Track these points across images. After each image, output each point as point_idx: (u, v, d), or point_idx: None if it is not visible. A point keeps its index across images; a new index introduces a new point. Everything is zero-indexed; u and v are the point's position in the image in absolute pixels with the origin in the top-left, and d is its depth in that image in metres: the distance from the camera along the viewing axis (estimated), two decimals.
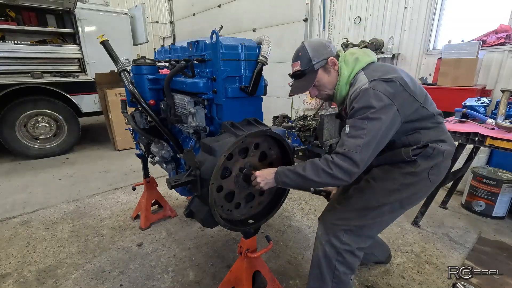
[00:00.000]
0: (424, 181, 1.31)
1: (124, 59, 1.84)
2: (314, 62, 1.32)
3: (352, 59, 1.33)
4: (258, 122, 1.47)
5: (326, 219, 1.44)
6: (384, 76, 1.19)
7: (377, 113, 1.13)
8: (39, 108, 4.25)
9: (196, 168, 1.24)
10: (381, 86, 1.17)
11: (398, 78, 1.19)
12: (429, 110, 1.28)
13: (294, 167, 1.27)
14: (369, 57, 1.35)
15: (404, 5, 3.98)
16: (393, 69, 1.27)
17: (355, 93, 1.22)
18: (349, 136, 1.17)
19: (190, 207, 1.40)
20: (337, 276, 1.38)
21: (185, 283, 1.86)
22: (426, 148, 1.26)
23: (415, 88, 1.24)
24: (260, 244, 2.03)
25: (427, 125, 1.29)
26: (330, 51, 1.35)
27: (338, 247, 1.36)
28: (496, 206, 2.58)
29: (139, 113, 1.95)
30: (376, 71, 1.26)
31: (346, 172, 1.13)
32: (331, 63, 1.34)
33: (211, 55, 1.45)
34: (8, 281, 1.87)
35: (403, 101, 1.19)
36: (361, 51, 1.38)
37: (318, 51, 1.33)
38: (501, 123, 2.00)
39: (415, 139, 1.28)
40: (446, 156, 1.30)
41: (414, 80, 1.29)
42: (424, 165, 1.28)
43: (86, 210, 2.79)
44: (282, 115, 4.53)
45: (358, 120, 1.15)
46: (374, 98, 1.14)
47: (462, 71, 3.08)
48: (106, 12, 4.88)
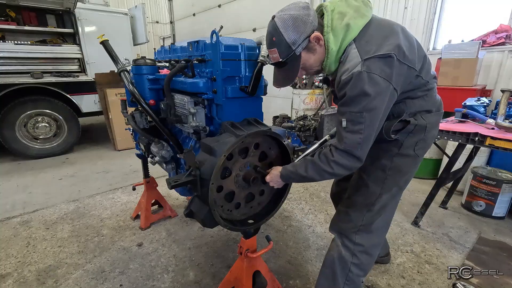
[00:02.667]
0: (412, 158, 1.26)
1: (124, 59, 1.84)
2: (294, 48, 1.10)
3: (341, 26, 1.08)
4: (258, 122, 1.47)
5: (336, 224, 1.45)
6: (380, 51, 1.02)
7: (374, 101, 1.02)
8: (39, 108, 4.25)
9: (196, 168, 1.24)
10: (377, 66, 1.01)
11: (396, 48, 1.02)
12: (423, 78, 1.15)
13: (295, 168, 1.26)
14: (363, 17, 1.09)
15: (404, 5, 3.98)
16: (391, 31, 1.09)
17: (346, 75, 1.05)
18: (347, 130, 1.08)
19: (190, 207, 1.40)
20: (350, 278, 1.37)
21: (185, 283, 1.86)
22: (407, 125, 1.18)
23: (413, 53, 1.09)
24: (260, 244, 2.03)
25: (416, 94, 1.18)
26: (311, 23, 1.08)
27: (353, 249, 1.35)
28: (496, 206, 2.58)
29: (139, 113, 1.95)
30: (371, 41, 1.06)
31: (347, 168, 1.13)
32: (315, 40, 1.11)
33: (211, 55, 1.44)
34: (8, 281, 1.87)
35: (401, 75, 1.06)
36: (353, 6, 1.10)
37: (296, 32, 1.08)
38: (501, 123, 2.00)
39: (399, 110, 1.19)
40: (429, 129, 1.21)
41: (411, 40, 1.12)
42: (408, 143, 1.22)
43: (86, 210, 2.79)
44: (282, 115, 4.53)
45: (355, 114, 1.04)
46: (369, 83, 1.00)
47: (462, 71, 3.08)
48: (106, 12, 4.88)
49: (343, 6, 1.11)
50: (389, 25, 1.13)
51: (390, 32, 1.08)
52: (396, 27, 1.11)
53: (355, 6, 1.10)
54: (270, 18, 1.14)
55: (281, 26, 1.09)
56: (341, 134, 1.11)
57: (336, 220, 1.45)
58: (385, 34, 1.08)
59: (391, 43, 1.04)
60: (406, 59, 1.06)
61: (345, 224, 1.38)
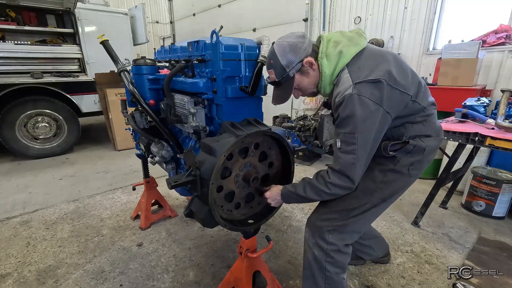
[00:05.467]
0: (405, 177, 1.29)
1: (124, 59, 1.84)
2: (288, 70, 1.23)
3: (335, 53, 1.19)
4: (258, 122, 1.47)
5: (311, 221, 1.45)
6: (370, 76, 1.09)
7: (365, 123, 1.09)
8: (39, 108, 4.25)
9: (196, 168, 1.24)
10: (367, 90, 1.08)
11: (386, 74, 1.10)
12: (420, 103, 1.20)
13: (295, 188, 1.32)
14: (356, 45, 1.20)
15: (404, 5, 3.98)
16: (382, 59, 1.16)
17: (339, 98, 1.13)
18: (341, 151, 1.15)
19: (190, 207, 1.40)
20: (328, 277, 1.38)
21: (185, 283, 1.86)
22: (407, 145, 1.22)
23: (406, 79, 1.16)
24: (260, 244, 2.03)
25: (415, 119, 1.23)
26: (304, 50, 1.22)
27: (326, 249, 1.36)
28: (496, 206, 2.58)
29: (139, 113, 1.95)
30: (363, 67, 1.14)
31: (344, 188, 1.20)
32: (307, 64, 1.23)
33: (211, 55, 1.45)
34: (8, 281, 1.87)
35: (392, 100, 1.12)
36: (347, 37, 1.22)
37: (290, 56, 1.21)
38: (501, 123, 2.00)
39: (399, 133, 1.24)
40: (427, 152, 1.26)
41: (405, 68, 1.19)
42: (404, 161, 1.25)
43: (86, 210, 2.79)
44: (282, 115, 4.54)
45: (348, 135, 1.12)
46: (360, 105, 1.07)
47: (462, 71, 3.08)
48: (106, 12, 4.88)
49: (338, 36, 1.24)
50: (381, 54, 1.21)
51: (382, 60, 1.16)
52: (388, 56, 1.19)
53: (349, 36, 1.23)
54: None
55: (278, 51, 1.24)
56: (337, 154, 1.18)
57: (314, 217, 1.45)
58: (377, 61, 1.16)
59: (381, 69, 1.12)
60: (398, 84, 1.12)
61: (322, 222, 1.38)
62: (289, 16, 5.47)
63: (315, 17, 5.16)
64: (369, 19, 4.42)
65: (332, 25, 4.94)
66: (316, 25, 5.17)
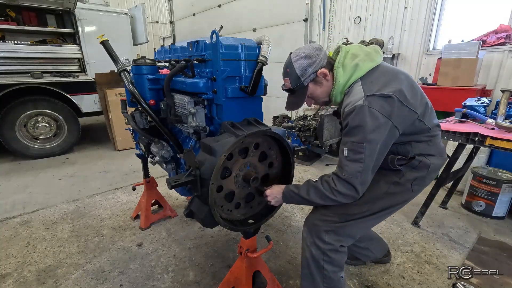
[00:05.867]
0: (407, 192, 1.34)
1: (124, 59, 1.84)
2: (303, 79, 1.29)
3: (351, 65, 1.25)
4: (258, 122, 1.47)
5: (309, 220, 1.45)
6: (382, 91, 1.14)
7: (374, 134, 1.12)
8: (39, 108, 4.24)
9: (196, 168, 1.24)
10: (377, 103, 1.13)
11: (397, 91, 1.14)
12: (425, 123, 1.25)
13: (298, 189, 1.33)
14: (372, 61, 1.26)
15: (404, 5, 3.98)
16: (394, 78, 1.22)
17: (350, 107, 1.17)
18: (348, 159, 1.17)
19: (190, 207, 1.40)
20: (326, 276, 1.39)
21: (185, 283, 1.86)
22: (412, 161, 1.27)
23: (415, 98, 1.21)
24: (260, 244, 2.03)
25: (420, 138, 1.28)
26: (319, 61, 1.28)
27: (323, 248, 1.37)
28: (496, 206, 2.58)
29: (139, 113, 1.95)
30: (375, 82, 1.20)
31: (348, 197, 1.21)
32: (321, 75, 1.29)
33: (211, 55, 1.44)
34: (8, 281, 1.87)
35: (401, 116, 1.16)
36: (365, 51, 1.29)
37: (305, 66, 1.27)
38: (501, 123, 2.00)
39: (405, 150, 1.29)
40: (431, 170, 1.31)
41: (415, 88, 1.25)
42: (409, 176, 1.30)
43: (86, 210, 2.79)
44: (282, 115, 4.54)
45: (356, 144, 1.14)
46: (370, 117, 1.11)
47: (462, 71, 3.08)
48: (106, 12, 4.88)
49: (357, 49, 1.30)
50: (395, 72, 1.26)
51: (394, 78, 1.21)
52: (400, 75, 1.24)
53: (367, 51, 1.29)
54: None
55: (294, 61, 1.30)
56: (342, 162, 1.20)
57: (312, 217, 1.45)
58: (390, 78, 1.21)
59: (393, 86, 1.16)
60: (407, 102, 1.16)
61: (320, 222, 1.39)
62: (289, 16, 5.47)
63: (315, 17, 5.16)
64: (369, 19, 4.42)
65: (332, 25, 4.94)
66: (316, 25, 5.17)
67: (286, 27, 5.56)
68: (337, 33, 4.90)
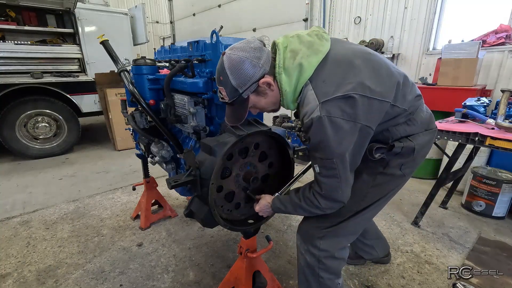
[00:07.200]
0: (398, 177, 1.22)
1: (124, 59, 1.85)
2: (241, 91, 1.05)
3: (293, 65, 1.02)
4: (258, 122, 1.47)
5: (302, 228, 1.40)
6: (338, 92, 0.95)
7: (341, 146, 0.98)
8: (39, 108, 4.24)
9: (196, 168, 1.24)
10: (337, 109, 0.95)
11: (358, 87, 0.96)
12: (400, 106, 1.08)
13: (285, 204, 1.27)
14: (317, 54, 1.02)
15: (404, 5, 3.98)
16: (350, 67, 1.01)
17: (307, 120, 1.00)
18: (322, 176, 1.06)
19: (190, 207, 1.40)
20: (322, 283, 1.35)
21: (185, 283, 1.86)
22: (393, 148, 1.11)
23: (382, 84, 1.01)
24: (260, 244, 2.03)
25: (398, 121, 1.12)
26: (261, 67, 1.03)
27: (317, 255, 1.31)
28: (496, 206, 2.58)
29: (139, 113, 1.95)
30: (328, 80, 0.99)
31: (336, 207, 1.16)
32: (264, 85, 1.06)
33: (211, 55, 1.45)
34: (8, 281, 1.87)
35: (370, 112, 0.99)
36: (306, 42, 1.04)
37: (243, 75, 1.02)
38: (501, 123, 2.00)
39: (383, 137, 1.14)
40: (419, 149, 1.15)
41: (378, 70, 1.04)
42: (394, 163, 1.17)
43: (86, 210, 2.79)
44: (282, 115, 4.53)
45: (326, 161, 1.02)
46: (331, 128, 0.95)
47: (462, 71, 3.08)
48: (106, 12, 4.88)
49: (296, 43, 1.05)
50: (348, 60, 1.03)
51: (349, 68, 1.00)
52: (355, 61, 1.02)
53: (308, 42, 1.04)
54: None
55: (228, 68, 1.03)
56: (317, 178, 1.10)
57: (304, 224, 1.40)
58: (344, 71, 1.00)
59: (351, 81, 0.97)
60: (374, 93, 0.98)
61: (312, 229, 1.34)
62: (289, 16, 5.47)
63: (315, 17, 5.15)
64: (369, 19, 4.42)
65: (332, 25, 4.94)
66: (316, 25, 5.17)
67: (286, 27, 5.56)
68: (337, 33, 4.90)
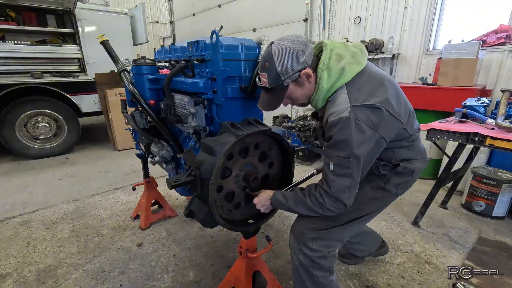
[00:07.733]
0: (392, 196, 1.36)
1: (124, 59, 1.85)
2: (283, 78, 1.13)
3: (337, 68, 1.12)
4: (258, 122, 1.47)
5: (295, 228, 1.41)
6: (369, 101, 1.07)
7: (360, 148, 1.07)
8: (39, 108, 4.24)
9: (196, 168, 1.24)
10: (364, 115, 1.06)
11: (384, 102, 1.08)
12: (408, 131, 1.23)
13: (286, 199, 1.27)
14: (358, 64, 1.15)
15: (404, 5, 3.98)
16: (381, 84, 1.14)
17: (334, 118, 1.09)
18: (335, 174, 1.11)
19: (190, 207, 1.40)
20: (317, 281, 1.37)
21: (185, 283, 1.86)
22: (397, 167, 1.27)
23: (400, 107, 1.16)
24: (260, 244, 2.03)
25: (403, 144, 1.27)
26: (305, 60, 1.12)
27: (310, 255, 1.33)
28: (496, 206, 2.58)
29: (139, 113, 1.95)
30: (361, 90, 1.11)
31: (337, 211, 1.18)
32: (305, 76, 1.15)
33: (211, 55, 1.45)
34: (8, 281, 1.87)
35: (388, 126, 1.12)
36: (351, 52, 1.16)
37: (288, 63, 1.11)
38: (501, 123, 2.00)
39: (388, 156, 1.28)
40: (415, 174, 1.32)
41: (400, 96, 1.19)
42: (394, 181, 1.31)
43: (86, 210, 2.79)
44: (282, 115, 4.53)
45: (343, 159, 1.08)
46: (356, 130, 1.05)
47: (462, 71, 3.08)
48: (106, 12, 4.88)
49: (342, 49, 1.16)
50: (380, 78, 1.17)
51: (380, 85, 1.14)
52: (385, 81, 1.16)
53: (353, 52, 1.16)
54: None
55: (276, 55, 1.12)
56: (329, 177, 1.13)
57: (297, 225, 1.41)
58: (376, 85, 1.13)
59: (380, 95, 1.10)
60: (394, 112, 1.11)
61: (306, 230, 1.35)
62: (289, 16, 5.47)
63: (315, 17, 5.16)
64: (369, 19, 4.42)
65: (332, 25, 4.94)
66: (316, 25, 5.17)
67: (286, 27, 5.56)
68: (337, 33, 4.90)
